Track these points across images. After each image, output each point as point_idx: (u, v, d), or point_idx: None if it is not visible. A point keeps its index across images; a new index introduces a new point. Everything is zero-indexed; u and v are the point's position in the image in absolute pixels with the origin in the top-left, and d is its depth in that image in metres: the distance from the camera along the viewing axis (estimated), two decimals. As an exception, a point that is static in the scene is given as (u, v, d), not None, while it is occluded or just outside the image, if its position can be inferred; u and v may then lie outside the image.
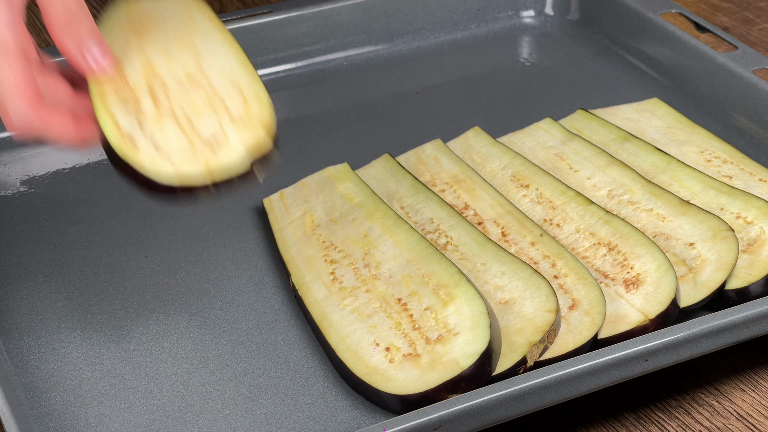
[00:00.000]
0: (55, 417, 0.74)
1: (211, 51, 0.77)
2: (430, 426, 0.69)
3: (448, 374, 0.72)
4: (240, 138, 0.71)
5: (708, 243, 0.81)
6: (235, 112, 0.72)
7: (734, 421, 0.77)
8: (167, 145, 0.70)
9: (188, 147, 0.70)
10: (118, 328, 0.81)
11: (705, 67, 1.02)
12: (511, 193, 0.88)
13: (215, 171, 0.69)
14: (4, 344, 0.79)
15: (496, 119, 1.02)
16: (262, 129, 0.71)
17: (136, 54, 0.76)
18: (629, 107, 0.99)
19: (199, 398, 0.76)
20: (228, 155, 0.70)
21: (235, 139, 0.71)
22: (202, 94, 0.74)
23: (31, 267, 0.86)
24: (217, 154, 0.70)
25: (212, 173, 0.69)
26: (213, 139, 0.71)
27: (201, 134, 0.71)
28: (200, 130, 0.71)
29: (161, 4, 0.81)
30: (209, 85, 0.74)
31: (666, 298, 0.77)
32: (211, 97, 0.73)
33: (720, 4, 1.23)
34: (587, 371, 0.72)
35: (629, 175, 0.88)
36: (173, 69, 0.75)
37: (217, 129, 0.71)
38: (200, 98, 0.73)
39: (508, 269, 0.79)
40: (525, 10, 1.16)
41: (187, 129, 0.71)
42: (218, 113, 0.72)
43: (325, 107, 1.05)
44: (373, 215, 0.85)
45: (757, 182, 0.88)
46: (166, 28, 0.78)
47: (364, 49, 1.11)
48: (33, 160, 0.98)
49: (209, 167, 0.70)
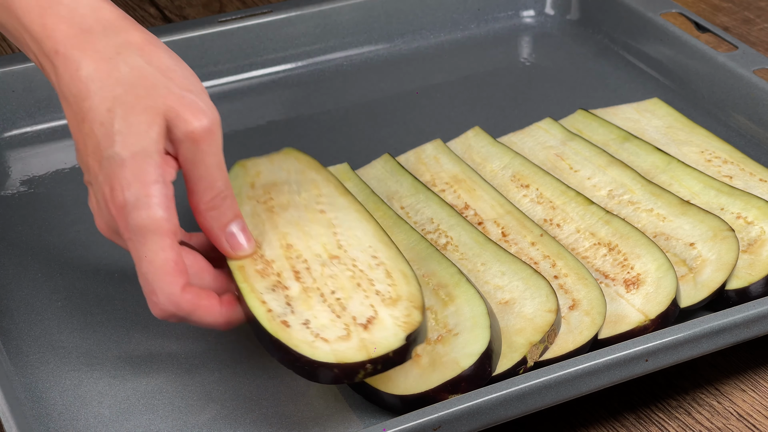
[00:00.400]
0: (55, 417, 0.74)
1: (345, 223, 0.78)
2: (430, 426, 0.68)
3: (448, 374, 0.72)
4: (391, 314, 0.72)
5: (708, 243, 0.81)
6: (382, 288, 0.73)
7: (734, 421, 0.77)
8: (319, 323, 0.70)
9: (340, 325, 0.71)
10: (118, 328, 0.81)
11: (705, 67, 1.02)
12: (511, 193, 0.88)
13: (370, 348, 0.70)
14: (4, 344, 0.79)
15: (496, 119, 1.02)
16: (410, 305, 0.72)
17: (269, 229, 0.76)
18: (629, 107, 0.99)
19: (199, 398, 0.76)
20: (381, 333, 0.70)
21: (386, 316, 0.71)
22: (345, 271, 0.74)
23: (31, 267, 0.86)
24: (370, 332, 0.70)
25: (368, 350, 0.69)
26: (364, 317, 0.71)
27: (351, 312, 0.72)
28: (349, 308, 0.72)
29: (275, 163, 0.83)
30: (350, 261, 0.75)
31: (666, 298, 0.77)
32: (354, 273, 0.74)
33: (720, 4, 1.23)
34: (587, 371, 0.72)
35: (629, 175, 0.88)
36: (311, 245, 0.76)
37: (367, 307, 0.72)
38: (344, 275, 0.74)
39: (508, 269, 0.79)
40: (525, 10, 1.16)
41: (335, 307, 0.72)
42: (365, 290, 0.73)
43: (325, 107, 1.04)
44: (373, 215, 0.85)
45: (757, 182, 0.88)
46: (291, 194, 0.80)
47: (364, 49, 1.11)
48: (33, 160, 0.98)
49: (365, 345, 0.70)
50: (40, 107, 1.01)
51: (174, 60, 0.71)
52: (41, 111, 1.01)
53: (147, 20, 1.21)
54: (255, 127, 1.02)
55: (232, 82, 1.07)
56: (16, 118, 1.01)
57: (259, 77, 1.08)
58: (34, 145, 0.99)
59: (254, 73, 1.08)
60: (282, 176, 0.83)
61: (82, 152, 0.70)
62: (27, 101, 1.01)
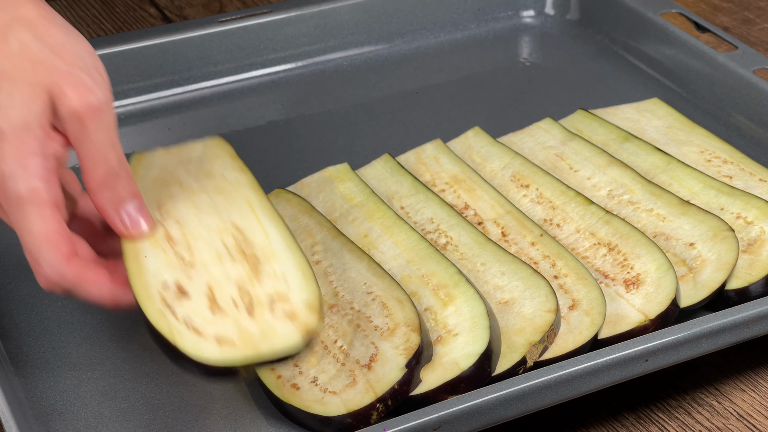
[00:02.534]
0: (55, 417, 0.74)
1: (340, 268, 0.77)
2: (430, 426, 0.68)
3: (447, 375, 0.72)
4: (391, 345, 0.72)
5: (708, 243, 0.81)
6: (380, 322, 0.73)
7: (734, 421, 0.77)
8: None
9: (345, 372, 0.71)
10: (118, 328, 0.81)
11: (705, 67, 1.02)
12: (511, 193, 0.88)
13: (376, 387, 0.70)
14: (4, 344, 0.79)
15: (496, 119, 1.02)
16: (408, 329, 0.72)
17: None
18: (629, 107, 0.99)
19: (199, 398, 0.76)
20: (383, 368, 0.71)
21: (387, 349, 0.71)
22: (344, 316, 0.74)
23: (31, 267, 0.86)
24: (374, 371, 0.71)
25: (374, 390, 0.70)
26: (366, 358, 0.72)
27: (354, 356, 0.72)
28: (352, 353, 0.72)
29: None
30: (348, 305, 0.75)
31: (666, 298, 0.77)
32: (353, 316, 0.74)
33: (720, 4, 1.23)
34: (587, 371, 0.72)
35: (629, 175, 0.88)
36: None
37: (368, 345, 0.72)
38: (343, 321, 0.74)
39: (508, 269, 0.79)
40: (525, 10, 1.16)
41: (339, 356, 0.72)
42: (365, 329, 0.73)
43: (325, 107, 1.04)
44: (373, 215, 0.85)
45: (757, 182, 0.88)
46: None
47: (364, 49, 1.11)
48: (33, 160, 0.97)
49: (371, 385, 0.70)
50: (40, 107, 1.01)
51: (69, 36, 0.70)
52: (41, 111, 1.01)
53: (147, 20, 1.21)
54: (255, 127, 1.02)
55: (232, 82, 1.07)
56: (16, 118, 1.01)
57: (259, 77, 1.08)
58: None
59: (254, 73, 1.08)
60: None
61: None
62: (27, 101, 1.01)
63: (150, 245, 0.70)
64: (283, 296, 0.67)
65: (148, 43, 1.04)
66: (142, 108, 1.04)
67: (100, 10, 1.23)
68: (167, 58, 1.05)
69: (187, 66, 1.05)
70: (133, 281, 0.68)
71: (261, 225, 0.72)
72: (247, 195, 0.74)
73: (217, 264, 0.69)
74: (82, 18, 1.22)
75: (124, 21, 1.21)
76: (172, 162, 0.78)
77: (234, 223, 0.72)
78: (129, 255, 0.70)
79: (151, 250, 0.70)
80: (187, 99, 1.05)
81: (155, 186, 0.76)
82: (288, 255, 0.70)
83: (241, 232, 0.72)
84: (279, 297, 0.67)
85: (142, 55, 1.04)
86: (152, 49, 1.04)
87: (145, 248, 0.70)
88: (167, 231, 0.71)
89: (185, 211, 0.73)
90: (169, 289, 0.68)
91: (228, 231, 0.72)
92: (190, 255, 0.70)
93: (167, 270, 0.69)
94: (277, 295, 0.67)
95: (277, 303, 0.67)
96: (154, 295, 0.67)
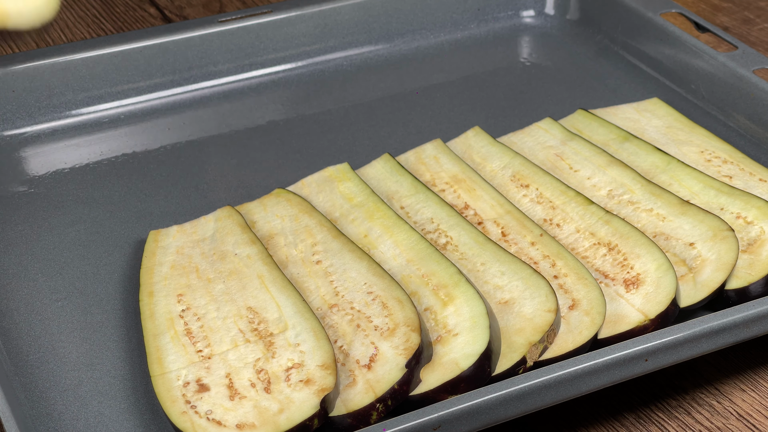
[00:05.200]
0: (55, 417, 0.74)
1: (340, 268, 0.80)
2: (430, 426, 0.68)
3: (447, 375, 0.72)
4: (391, 345, 0.72)
5: (708, 243, 0.81)
6: (380, 322, 0.75)
7: (734, 421, 0.77)
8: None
9: (346, 373, 0.72)
10: (118, 328, 0.81)
11: (705, 67, 1.02)
12: (511, 193, 0.88)
13: (376, 387, 0.71)
14: (4, 344, 0.79)
15: (496, 119, 1.02)
16: (408, 329, 0.73)
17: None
18: (629, 107, 0.99)
19: (199, 398, 0.76)
20: (383, 368, 0.71)
21: (387, 349, 0.72)
22: (344, 316, 0.76)
23: (31, 267, 0.86)
24: (374, 371, 0.72)
25: (374, 390, 0.71)
26: (366, 358, 0.73)
27: (354, 357, 0.73)
28: (352, 353, 0.74)
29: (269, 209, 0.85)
30: (348, 305, 0.76)
31: (666, 298, 0.77)
32: (353, 316, 0.75)
33: (720, 4, 1.23)
34: (587, 371, 0.72)
35: (629, 175, 0.88)
36: (312, 299, 0.78)
37: (368, 345, 0.73)
38: (344, 321, 0.76)
39: (508, 269, 0.79)
40: (525, 10, 1.16)
41: (339, 356, 0.74)
42: (365, 329, 0.74)
43: (325, 107, 1.04)
44: (373, 215, 0.85)
45: (757, 182, 0.88)
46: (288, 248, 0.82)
47: (364, 49, 1.11)
48: (33, 160, 0.98)
49: (370, 385, 0.71)
50: (40, 107, 1.01)
51: None
52: (41, 111, 1.01)
53: (147, 20, 1.21)
54: (255, 127, 1.02)
55: (232, 82, 1.07)
56: (16, 118, 1.01)
57: (259, 77, 1.08)
58: (34, 145, 0.99)
59: (254, 73, 1.08)
60: (277, 226, 0.84)
61: None
62: (27, 101, 1.01)
63: (172, 343, 0.75)
64: (298, 364, 0.72)
65: (148, 43, 1.04)
66: (142, 108, 1.04)
67: (100, 10, 1.23)
68: (167, 58, 1.05)
69: (187, 66, 1.05)
70: (156, 385, 0.73)
71: (273, 298, 0.77)
72: (259, 270, 0.80)
73: (233, 350, 0.74)
74: (82, 18, 1.22)
75: (124, 21, 1.21)
76: (188, 243, 0.84)
77: (248, 306, 0.77)
78: (152, 355, 0.74)
79: (172, 348, 0.74)
80: (187, 99, 1.05)
81: (174, 274, 0.81)
82: (299, 320, 0.75)
83: (255, 313, 0.76)
84: (294, 365, 0.72)
85: (142, 55, 1.04)
86: (152, 49, 1.04)
87: (167, 347, 0.75)
88: (187, 326, 0.76)
89: (203, 302, 0.78)
90: (189, 386, 0.72)
91: (242, 315, 0.76)
92: (208, 347, 0.75)
93: (187, 368, 0.73)
94: (292, 364, 0.72)
95: (292, 371, 0.72)
96: (177, 396, 0.72)
